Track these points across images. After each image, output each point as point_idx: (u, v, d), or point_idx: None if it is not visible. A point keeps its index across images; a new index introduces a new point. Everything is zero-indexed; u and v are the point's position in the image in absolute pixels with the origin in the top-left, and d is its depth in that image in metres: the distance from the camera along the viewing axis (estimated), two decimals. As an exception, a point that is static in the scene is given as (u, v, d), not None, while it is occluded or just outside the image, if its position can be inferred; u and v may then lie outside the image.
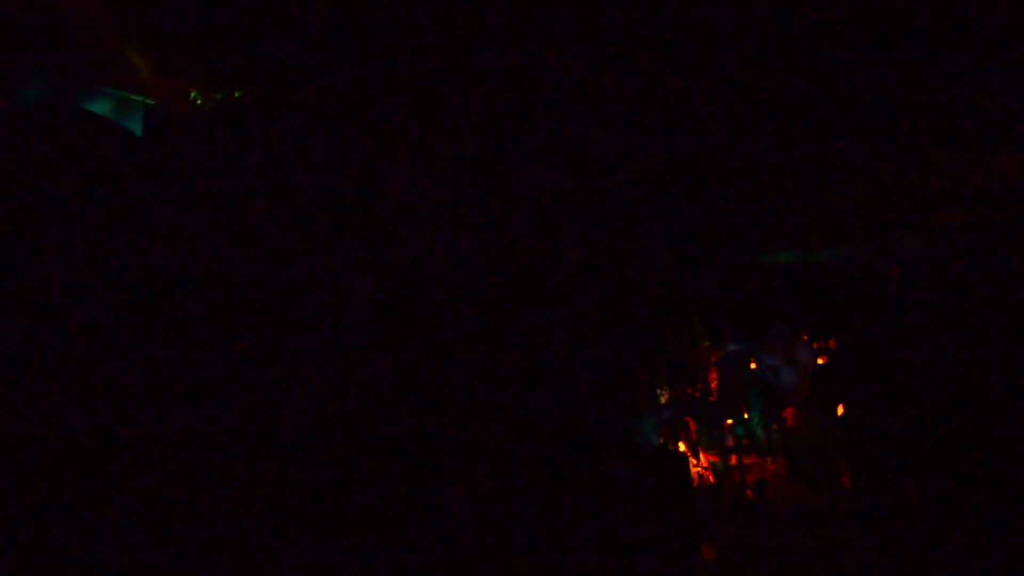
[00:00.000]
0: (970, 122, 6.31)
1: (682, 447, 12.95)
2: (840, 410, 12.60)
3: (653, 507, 7.02)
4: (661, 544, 6.75)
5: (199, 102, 6.30)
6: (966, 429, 6.30)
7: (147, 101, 5.10)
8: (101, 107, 4.91)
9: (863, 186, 6.28)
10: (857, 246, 6.80)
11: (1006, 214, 6.50)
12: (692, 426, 13.86)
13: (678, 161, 6.15)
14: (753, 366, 11.07)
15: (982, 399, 6.04)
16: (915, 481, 7.96)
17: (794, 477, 11.80)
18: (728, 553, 7.61)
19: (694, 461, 12.25)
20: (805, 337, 12.97)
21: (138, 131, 4.84)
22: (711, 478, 12.25)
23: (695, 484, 12.01)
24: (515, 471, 3.92)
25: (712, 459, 12.38)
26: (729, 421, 13.46)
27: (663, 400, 14.34)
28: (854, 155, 6.11)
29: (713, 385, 14.26)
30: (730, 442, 12.96)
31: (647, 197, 6.44)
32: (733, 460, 12.86)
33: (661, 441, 13.79)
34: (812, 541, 7.71)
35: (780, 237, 6.43)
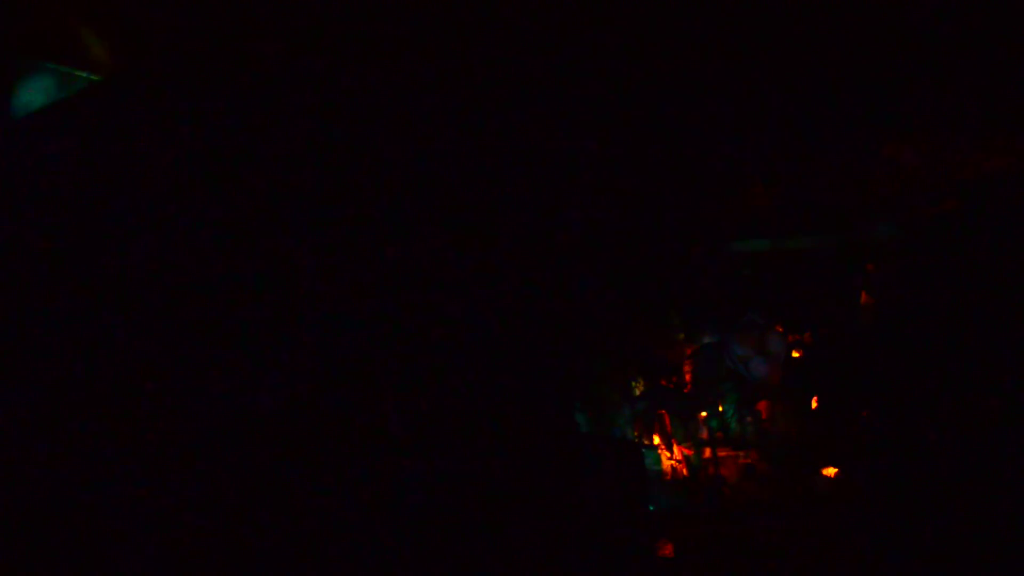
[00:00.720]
0: (944, 109, 6.14)
1: (656, 440, 12.90)
2: (814, 403, 12.63)
3: (615, 501, 6.91)
4: (625, 539, 6.62)
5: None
6: (943, 422, 6.20)
7: (92, 78, 4.84)
8: (41, 84, 4.64)
9: (835, 173, 6.15)
10: (830, 234, 6.67)
11: (985, 203, 6.40)
12: (667, 419, 13.83)
13: (651, 149, 5.98)
14: (731, 357, 10.98)
15: (960, 392, 5.94)
16: (893, 475, 7.91)
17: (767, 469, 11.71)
18: (699, 546, 7.52)
19: (667, 454, 12.18)
20: (780, 329, 12.95)
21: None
22: (684, 471, 12.20)
23: (668, 477, 11.95)
24: (474, 465, 3.76)
25: (686, 452, 12.32)
26: (703, 414, 13.42)
27: (638, 392, 14.29)
28: (828, 142, 5.97)
29: (688, 378, 14.23)
30: (704, 435, 12.92)
31: (620, 186, 6.27)
32: (707, 453, 12.83)
33: (635, 434, 13.75)
34: (783, 535, 7.63)
35: (752, 224, 6.29)
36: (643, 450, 13.44)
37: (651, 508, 9.70)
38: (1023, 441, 4.80)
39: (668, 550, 5.95)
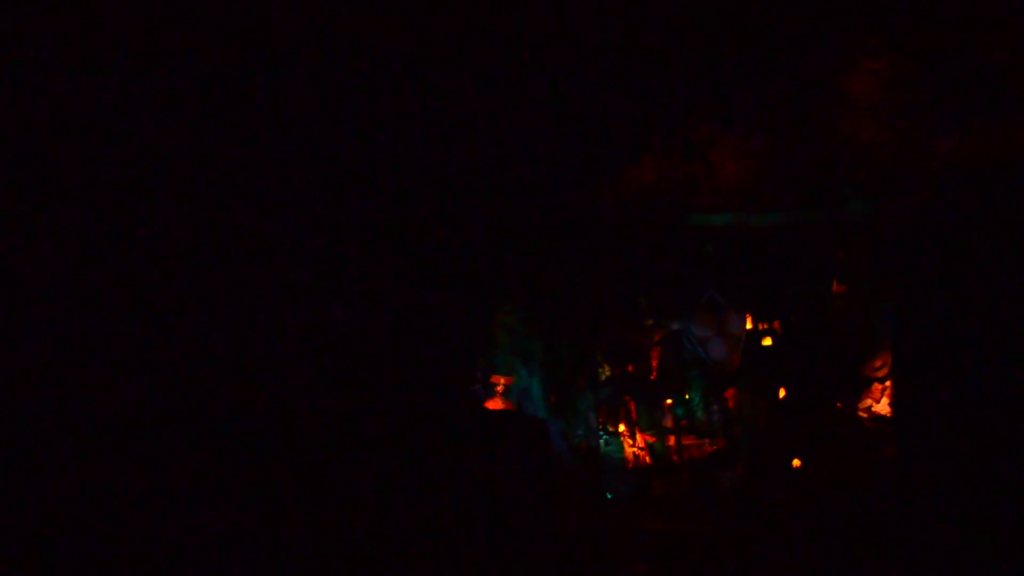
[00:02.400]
0: (920, 92, 5.73)
1: (622, 427, 12.59)
2: (782, 392, 12.36)
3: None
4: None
5: None
6: (915, 411, 5.86)
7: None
8: None
9: (804, 147, 5.78)
10: (798, 212, 6.30)
11: (959, 195, 6.08)
12: (632, 405, 13.51)
13: (612, 118, 5.58)
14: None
15: (929, 380, 5.59)
16: (859, 465, 7.65)
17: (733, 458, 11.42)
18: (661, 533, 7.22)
19: (630, 441, 11.86)
20: (746, 314, 12.63)
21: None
22: (647, 459, 11.90)
23: (629, 465, 11.65)
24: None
25: (648, 439, 12.02)
26: (669, 401, 13.11)
27: (604, 378, 13.95)
28: (795, 113, 5.60)
29: (655, 363, 13.90)
30: (668, 422, 12.62)
31: (579, 158, 5.86)
32: (671, 441, 12.53)
33: (601, 420, 13.44)
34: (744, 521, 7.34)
35: (716, 197, 5.90)
36: (606, 437, 13.12)
37: (608, 496, 9.38)
38: (998, 429, 4.47)
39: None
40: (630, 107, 5.14)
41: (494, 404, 7.39)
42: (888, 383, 6.85)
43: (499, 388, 7.55)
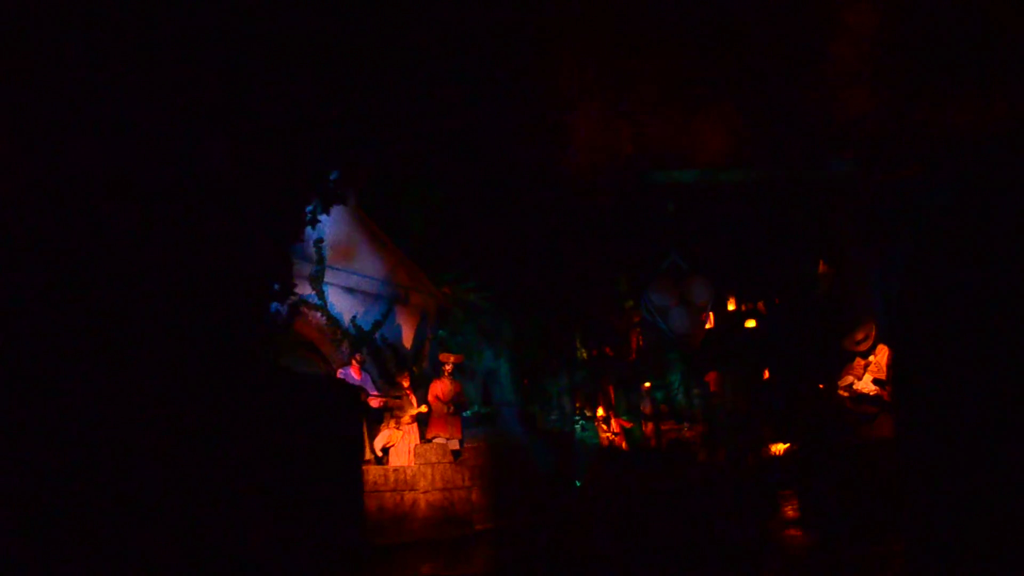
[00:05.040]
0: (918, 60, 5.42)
1: (600, 411, 12.04)
2: (766, 374, 11.83)
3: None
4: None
5: None
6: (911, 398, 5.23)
7: None
8: None
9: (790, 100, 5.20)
10: (773, 167, 5.65)
11: (953, 170, 5.46)
12: (611, 389, 12.96)
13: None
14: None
15: (921, 362, 4.97)
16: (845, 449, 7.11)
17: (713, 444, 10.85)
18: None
19: (604, 427, 11.30)
20: (733, 300, 12.02)
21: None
22: (624, 445, 11.36)
23: (606, 449, 11.10)
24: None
25: (624, 424, 11.46)
26: (647, 384, 12.54)
27: (579, 359, 13.38)
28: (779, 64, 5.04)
29: (634, 345, 13.34)
30: (647, 408, 12.07)
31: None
32: (649, 427, 12.00)
33: (578, 405, 12.89)
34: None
35: (679, 151, 5.26)
36: (582, 422, 12.55)
37: (577, 484, 8.78)
38: (994, 417, 3.90)
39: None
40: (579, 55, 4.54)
41: (442, 384, 6.76)
42: (871, 359, 6.22)
43: (448, 367, 6.93)
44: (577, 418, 12.44)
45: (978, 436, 3.33)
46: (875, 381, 6.57)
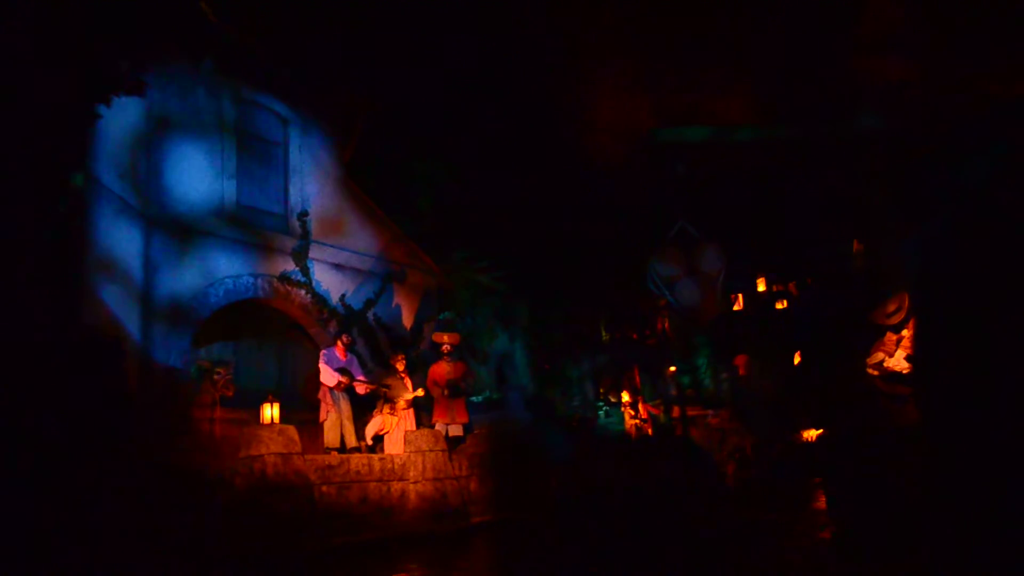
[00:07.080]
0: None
1: (626, 397, 11.58)
2: (797, 358, 11.26)
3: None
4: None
5: None
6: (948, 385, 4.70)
7: None
8: None
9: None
10: (795, 124, 5.05)
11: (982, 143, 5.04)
12: (637, 374, 12.48)
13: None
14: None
15: (965, 353, 4.46)
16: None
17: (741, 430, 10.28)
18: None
19: (631, 412, 10.82)
20: (763, 280, 11.40)
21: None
22: (650, 431, 10.86)
23: (632, 436, 10.62)
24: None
25: (652, 410, 10.95)
26: (673, 368, 12.02)
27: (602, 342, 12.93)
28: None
29: (659, 327, 12.83)
30: (674, 392, 11.57)
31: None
32: (676, 412, 11.51)
33: (601, 391, 12.43)
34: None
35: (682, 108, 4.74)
36: (606, 408, 12.10)
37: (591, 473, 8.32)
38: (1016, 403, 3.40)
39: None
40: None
41: (438, 366, 6.31)
42: (904, 333, 5.63)
43: (445, 347, 6.47)
44: (601, 403, 11.98)
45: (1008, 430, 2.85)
46: (908, 358, 5.95)
